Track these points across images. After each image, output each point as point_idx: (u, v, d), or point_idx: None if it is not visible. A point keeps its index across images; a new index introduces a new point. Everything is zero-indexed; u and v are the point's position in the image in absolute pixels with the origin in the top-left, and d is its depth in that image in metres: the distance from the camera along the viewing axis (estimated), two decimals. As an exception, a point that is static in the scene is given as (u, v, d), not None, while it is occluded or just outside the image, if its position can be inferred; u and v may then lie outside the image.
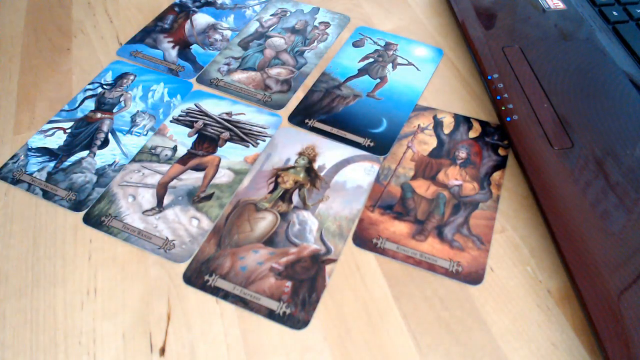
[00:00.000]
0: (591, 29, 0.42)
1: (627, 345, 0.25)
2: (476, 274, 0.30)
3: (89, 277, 0.31)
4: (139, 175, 0.35)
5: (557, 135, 0.34)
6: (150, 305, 0.30)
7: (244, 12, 0.49)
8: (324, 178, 0.35)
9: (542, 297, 0.30)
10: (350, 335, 0.28)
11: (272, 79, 0.42)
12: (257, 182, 0.35)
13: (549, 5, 0.44)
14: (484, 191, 0.34)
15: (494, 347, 0.28)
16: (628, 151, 0.33)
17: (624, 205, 0.30)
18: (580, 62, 0.39)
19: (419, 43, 0.45)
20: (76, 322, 0.29)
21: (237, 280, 0.30)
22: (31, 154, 0.37)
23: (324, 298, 0.30)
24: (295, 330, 0.28)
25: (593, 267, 0.28)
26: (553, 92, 0.37)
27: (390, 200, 0.34)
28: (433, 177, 0.35)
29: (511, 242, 0.32)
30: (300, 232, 0.32)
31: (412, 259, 0.31)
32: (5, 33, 0.47)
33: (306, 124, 0.39)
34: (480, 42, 0.41)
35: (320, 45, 0.45)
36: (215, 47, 0.45)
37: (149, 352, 0.28)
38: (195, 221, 0.33)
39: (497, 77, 0.38)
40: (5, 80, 0.43)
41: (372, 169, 0.36)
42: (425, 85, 0.41)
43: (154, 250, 0.32)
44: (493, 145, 0.37)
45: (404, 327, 0.29)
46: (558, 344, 0.28)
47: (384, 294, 0.30)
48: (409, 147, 0.37)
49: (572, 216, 0.30)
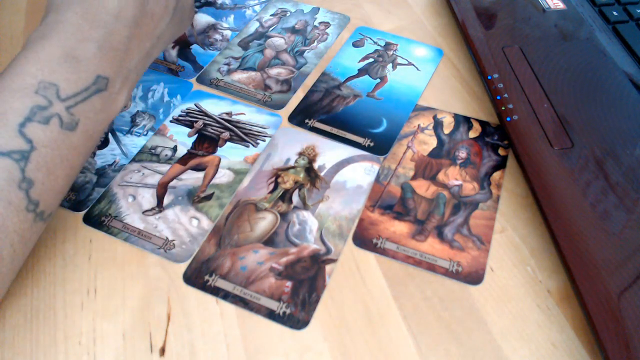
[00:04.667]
0: (591, 29, 0.42)
1: (627, 345, 0.25)
2: (476, 274, 0.30)
3: (89, 277, 0.31)
4: (139, 175, 0.35)
5: (557, 135, 0.34)
6: (150, 305, 0.30)
7: (244, 12, 0.49)
8: (324, 178, 0.35)
9: (542, 297, 0.30)
10: (350, 335, 0.28)
11: (272, 79, 0.42)
12: (257, 182, 0.35)
13: (549, 5, 0.44)
14: (484, 191, 0.34)
15: (494, 347, 0.28)
16: (628, 151, 0.33)
17: (624, 205, 0.30)
18: (580, 62, 0.39)
19: (419, 43, 0.45)
20: (76, 322, 0.29)
21: (237, 280, 0.30)
22: (31, 154, 0.37)
23: (324, 298, 0.30)
24: (295, 330, 0.28)
25: (593, 267, 0.28)
26: (553, 92, 0.37)
27: (390, 200, 0.34)
28: (433, 177, 0.35)
29: (511, 242, 0.32)
30: (300, 232, 0.32)
31: (412, 259, 0.31)
32: (5, 33, 0.47)
33: (306, 124, 0.39)
34: (480, 42, 0.41)
35: (320, 45, 0.45)
36: (215, 47, 0.45)
37: (149, 352, 0.28)
38: (195, 221, 0.33)
39: (497, 77, 0.38)
40: (5, 80, 0.43)
41: (372, 169, 0.36)
42: (425, 85, 0.41)
43: (154, 250, 0.32)
44: (493, 145, 0.37)
45: (404, 327, 0.29)
46: (558, 344, 0.28)
47: (384, 294, 0.30)
48: (409, 147, 0.37)
49: (572, 216, 0.30)
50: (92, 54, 0.28)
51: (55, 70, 0.27)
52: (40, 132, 0.26)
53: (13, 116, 0.25)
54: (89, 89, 0.28)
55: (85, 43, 0.28)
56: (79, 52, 0.28)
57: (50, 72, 0.27)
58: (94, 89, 0.28)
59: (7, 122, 0.25)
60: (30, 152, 0.25)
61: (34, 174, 0.26)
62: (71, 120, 0.27)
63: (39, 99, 0.26)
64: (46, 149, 0.26)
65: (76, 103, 0.27)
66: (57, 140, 0.27)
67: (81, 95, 0.28)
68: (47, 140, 0.26)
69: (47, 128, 0.26)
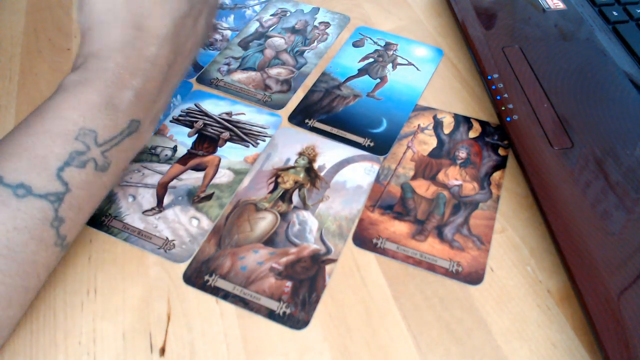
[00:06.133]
0: (591, 29, 0.42)
1: (627, 345, 0.25)
2: (476, 274, 0.30)
3: (88, 277, 0.31)
4: (139, 175, 0.35)
5: (557, 135, 0.34)
6: (150, 305, 0.30)
7: (244, 12, 0.49)
8: (324, 178, 0.35)
9: (542, 297, 0.30)
10: (350, 335, 0.28)
11: (272, 79, 0.42)
12: (257, 182, 0.35)
13: (549, 5, 0.44)
14: (484, 191, 0.34)
15: (494, 347, 0.28)
16: (628, 151, 0.33)
17: (624, 205, 0.30)
18: (580, 62, 0.39)
19: (419, 43, 0.45)
20: (76, 322, 0.29)
21: (237, 280, 0.30)
22: (31, 154, 0.37)
23: (324, 298, 0.30)
24: (295, 330, 0.28)
25: (593, 267, 0.28)
26: (553, 92, 0.37)
27: (390, 200, 0.34)
28: (433, 177, 0.35)
29: (511, 242, 0.32)
30: (300, 232, 0.32)
31: (412, 259, 0.31)
32: (5, 33, 0.47)
33: (306, 124, 0.39)
34: (480, 42, 0.41)
35: (320, 45, 0.45)
36: (215, 47, 0.45)
37: (149, 352, 0.28)
38: (195, 221, 0.33)
39: (497, 77, 0.38)
40: (5, 80, 0.43)
41: (372, 169, 0.36)
42: (425, 85, 0.41)
43: (154, 250, 0.32)
44: (493, 145, 0.37)
45: (404, 327, 0.29)
46: (558, 344, 0.28)
47: (384, 294, 0.30)
48: (409, 147, 0.37)
49: (572, 216, 0.30)
50: (130, 101, 0.30)
51: (95, 117, 0.28)
52: (76, 175, 0.27)
53: (53, 160, 0.27)
54: (123, 132, 0.30)
55: (124, 91, 0.30)
56: (117, 101, 0.29)
57: (90, 119, 0.28)
58: (127, 132, 0.30)
59: (47, 165, 0.26)
60: (65, 194, 0.27)
61: (66, 212, 0.27)
62: (104, 162, 0.29)
63: (79, 145, 0.27)
64: (79, 190, 0.28)
65: (111, 147, 0.29)
66: (90, 182, 0.28)
67: (116, 139, 0.29)
68: (82, 182, 0.28)
69: (83, 171, 0.28)
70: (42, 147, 0.27)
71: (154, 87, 0.31)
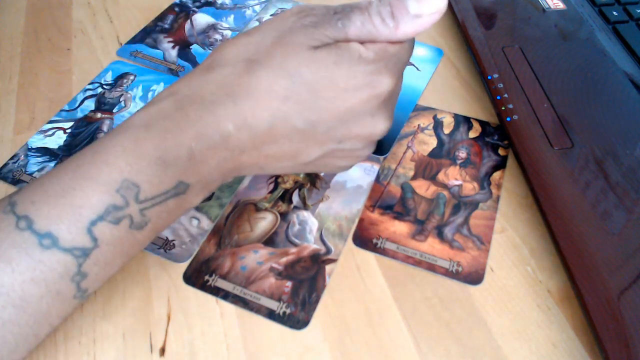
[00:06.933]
0: (591, 29, 0.42)
1: (627, 345, 0.25)
2: (476, 274, 0.30)
3: (89, 277, 0.31)
4: (139, 175, 0.35)
5: (557, 135, 0.34)
6: (150, 305, 0.30)
7: (244, 12, 0.49)
8: (324, 178, 0.35)
9: (542, 297, 0.30)
10: (350, 335, 0.28)
11: (272, 79, 0.42)
12: (257, 182, 0.35)
13: (549, 5, 0.44)
14: (484, 191, 0.34)
15: (494, 347, 0.28)
16: (628, 151, 0.33)
17: (624, 205, 0.30)
18: (580, 62, 0.39)
19: (419, 43, 0.45)
20: (76, 322, 0.29)
21: (237, 280, 0.30)
22: (31, 154, 0.37)
23: (324, 298, 0.30)
24: (295, 330, 0.28)
25: (593, 267, 0.28)
26: (553, 92, 0.37)
27: (390, 200, 0.34)
28: (433, 177, 0.35)
29: (511, 242, 0.32)
30: (300, 232, 0.32)
31: (412, 259, 0.31)
32: (5, 33, 0.47)
33: (306, 124, 0.39)
34: (480, 42, 0.41)
35: (320, 45, 0.45)
36: (215, 47, 0.45)
37: (149, 352, 0.28)
38: (195, 221, 0.33)
39: (497, 77, 0.38)
40: (5, 80, 0.43)
41: (372, 169, 0.36)
42: (425, 85, 0.41)
43: (153, 250, 0.32)
44: (493, 145, 0.37)
45: (404, 327, 0.29)
46: (558, 344, 0.28)
47: (384, 294, 0.30)
48: (409, 147, 0.37)
49: (572, 216, 0.30)
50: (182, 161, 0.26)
51: (142, 170, 0.26)
52: (107, 231, 0.25)
53: (88, 212, 0.25)
54: (168, 192, 0.27)
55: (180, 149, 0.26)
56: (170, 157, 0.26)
57: (137, 171, 0.25)
58: (173, 193, 0.27)
59: (80, 217, 0.24)
60: (92, 250, 0.25)
61: (90, 268, 0.25)
62: (142, 220, 0.26)
63: (118, 199, 0.25)
64: (109, 246, 0.25)
65: (152, 205, 0.26)
66: (122, 239, 0.26)
67: (159, 198, 0.26)
68: (112, 239, 0.25)
69: (116, 228, 0.25)
70: (81, 197, 0.25)
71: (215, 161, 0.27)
